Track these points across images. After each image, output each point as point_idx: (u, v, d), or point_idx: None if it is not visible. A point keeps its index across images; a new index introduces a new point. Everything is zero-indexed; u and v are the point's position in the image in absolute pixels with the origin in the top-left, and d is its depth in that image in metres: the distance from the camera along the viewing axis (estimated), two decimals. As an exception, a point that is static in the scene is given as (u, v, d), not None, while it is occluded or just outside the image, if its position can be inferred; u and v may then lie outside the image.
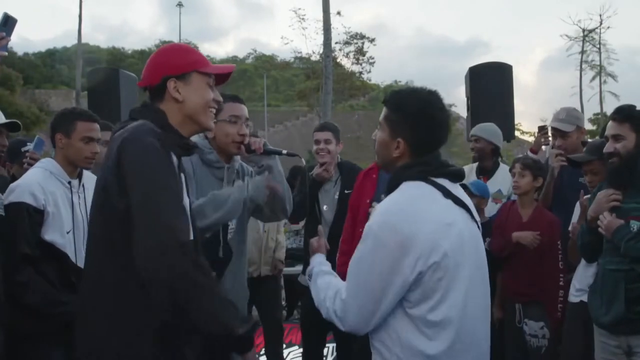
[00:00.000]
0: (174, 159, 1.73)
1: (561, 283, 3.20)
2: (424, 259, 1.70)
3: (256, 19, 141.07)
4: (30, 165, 2.80)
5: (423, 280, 1.72)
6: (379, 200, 2.86)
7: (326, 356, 4.36)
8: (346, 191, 3.71)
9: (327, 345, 4.19)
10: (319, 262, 2.04)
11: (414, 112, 1.85)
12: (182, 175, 1.82)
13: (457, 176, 1.91)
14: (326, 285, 1.91)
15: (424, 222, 1.73)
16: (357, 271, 1.79)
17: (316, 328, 3.80)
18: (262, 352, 4.33)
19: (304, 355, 3.95)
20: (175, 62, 1.80)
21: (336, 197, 3.73)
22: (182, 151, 1.82)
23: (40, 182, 2.49)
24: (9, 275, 2.36)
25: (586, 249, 2.81)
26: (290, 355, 4.83)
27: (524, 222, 3.37)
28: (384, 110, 1.94)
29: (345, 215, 3.61)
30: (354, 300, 1.78)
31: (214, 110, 1.88)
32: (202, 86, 1.82)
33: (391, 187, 1.86)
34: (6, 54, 2.14)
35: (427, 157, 1.87)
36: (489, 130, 3.98)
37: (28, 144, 3.20)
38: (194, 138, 2.06)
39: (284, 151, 2.69)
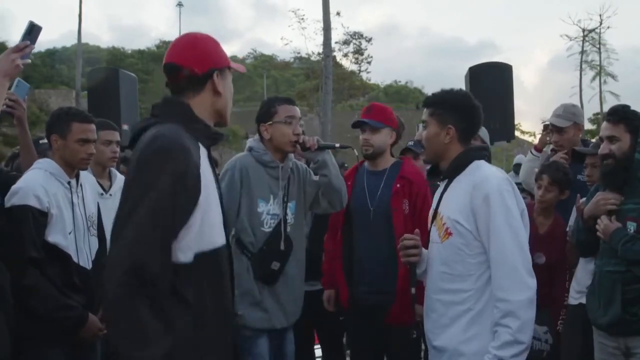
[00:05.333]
0: (204, 150, 1.70)
1: (566, 302, 3.08)
2: (521, 210, 2.09)
3: (261, 19, 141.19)
4: (9, 107, 2.54)
5: None
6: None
7: (321, 356, 4.35)
8: None
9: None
10: None
11: (458, 102, 2.20)
12: (211, 168, 1.77)
13: None
14: None
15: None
16: (511, 228, 2.02)
17: (304, 328, 3.79)
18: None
19: (296, 355, 3.92)
20: (219, 54, 1.78)
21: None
22: (211, 142, 1.77)
23: (42, 184, 2.47)
24: (16, 279, 2.35)
25: (581, 245, 2.83)
26: (290, 355, 4.81)
27: (540, 234, 3.18)
28: (426, 111, 2.25)
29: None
30: (522, 257, 2.03)
31: None
32: (230, 82, 1.82)
33: (460, 165, 2.16)
34: (29, 61, 2.12)
35: (484, 146, 2.45)
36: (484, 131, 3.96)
37: (40, 141, 3.14)
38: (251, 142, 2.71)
39: (337, 144, 2.95)
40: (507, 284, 1.99)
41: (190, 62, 1.72)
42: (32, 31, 2.13)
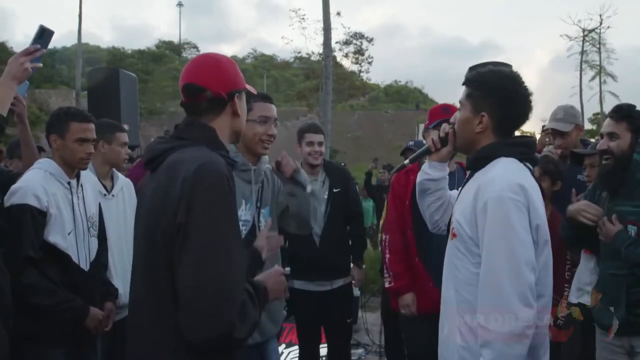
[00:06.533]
0: None
1: (565, 293, 3.09)
2: (534, 226, 1.73)
3: (262, 19, 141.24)
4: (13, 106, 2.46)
5: None
6: None
7: (324, 356, 4.36)
8: (335, 190, 3.73)
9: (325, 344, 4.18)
10: None
11: (498, 87, 1.85)
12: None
13: (534, 163, 1.97)
14: None
15: (535, 191, 1.78)
16: (507, 244, 1.68)
17: (311, 328, 3.78)
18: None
19: (300, 355, 3.93)
20: (239, 77, 1.79)
21: (325, 196, 3.73)
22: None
23: (42, 183, 2.48)
24: (14, 277, 2.33)
25: (569, 240, 2.89)
26: (290, 355, 4.83)
27: None
28: (465, 89, 1.93)
29: (336, 213, 3.67)
30: (516, 281, 1.66)
31: None
32: (245, 103, 1.83)
33: (484, 158, 1.86)
34: (41, 65, 2.10)
35: (526, 140, 1.94)
36: None
37: None
38: None
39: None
40: (490, 310, 1.69)
41: (215, 84, 1.71)
42: (43, 35, 2.13)
